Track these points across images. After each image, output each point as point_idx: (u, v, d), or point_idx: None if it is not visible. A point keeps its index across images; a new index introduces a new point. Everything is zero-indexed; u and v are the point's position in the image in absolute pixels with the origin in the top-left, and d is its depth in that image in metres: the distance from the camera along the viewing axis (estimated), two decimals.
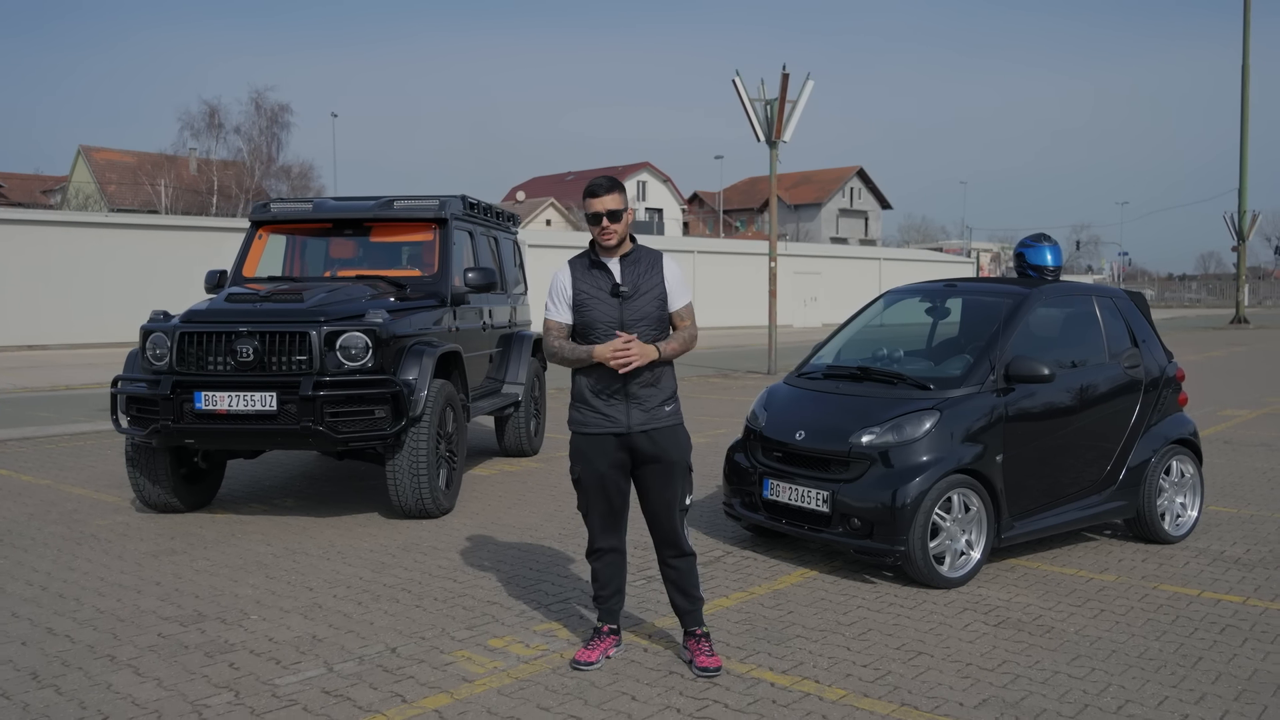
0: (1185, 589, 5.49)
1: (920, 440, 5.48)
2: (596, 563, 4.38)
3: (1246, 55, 39.43)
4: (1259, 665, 4.39)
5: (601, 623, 4.42)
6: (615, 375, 4.14)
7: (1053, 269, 6.59)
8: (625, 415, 4.19)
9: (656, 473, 4.25)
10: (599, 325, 4.19)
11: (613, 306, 4.18)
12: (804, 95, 18.27)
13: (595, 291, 4.21)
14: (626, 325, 4.16)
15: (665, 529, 4.31)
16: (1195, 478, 6.64)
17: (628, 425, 4.19)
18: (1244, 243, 42.98)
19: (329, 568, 5.81)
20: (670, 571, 4.36)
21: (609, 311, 4.18)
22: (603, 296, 4.20)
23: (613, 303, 4.18)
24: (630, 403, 4.19)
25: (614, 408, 4.20)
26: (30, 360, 21.69)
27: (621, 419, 4.19)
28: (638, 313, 4.19)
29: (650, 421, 4.21)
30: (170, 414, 6.44)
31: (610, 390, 4.18)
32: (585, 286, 4.22)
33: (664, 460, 4.24)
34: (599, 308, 4.19)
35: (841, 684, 4.14)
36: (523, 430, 9.46)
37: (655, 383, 4.23)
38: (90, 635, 4.66)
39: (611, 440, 4.22)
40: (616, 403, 4.19)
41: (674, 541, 4.31)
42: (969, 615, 5.02)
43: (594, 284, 4.22)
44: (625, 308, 4.18)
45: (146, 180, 53.69)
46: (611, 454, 4.23)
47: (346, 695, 3.99)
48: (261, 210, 8.42)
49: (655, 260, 4.30)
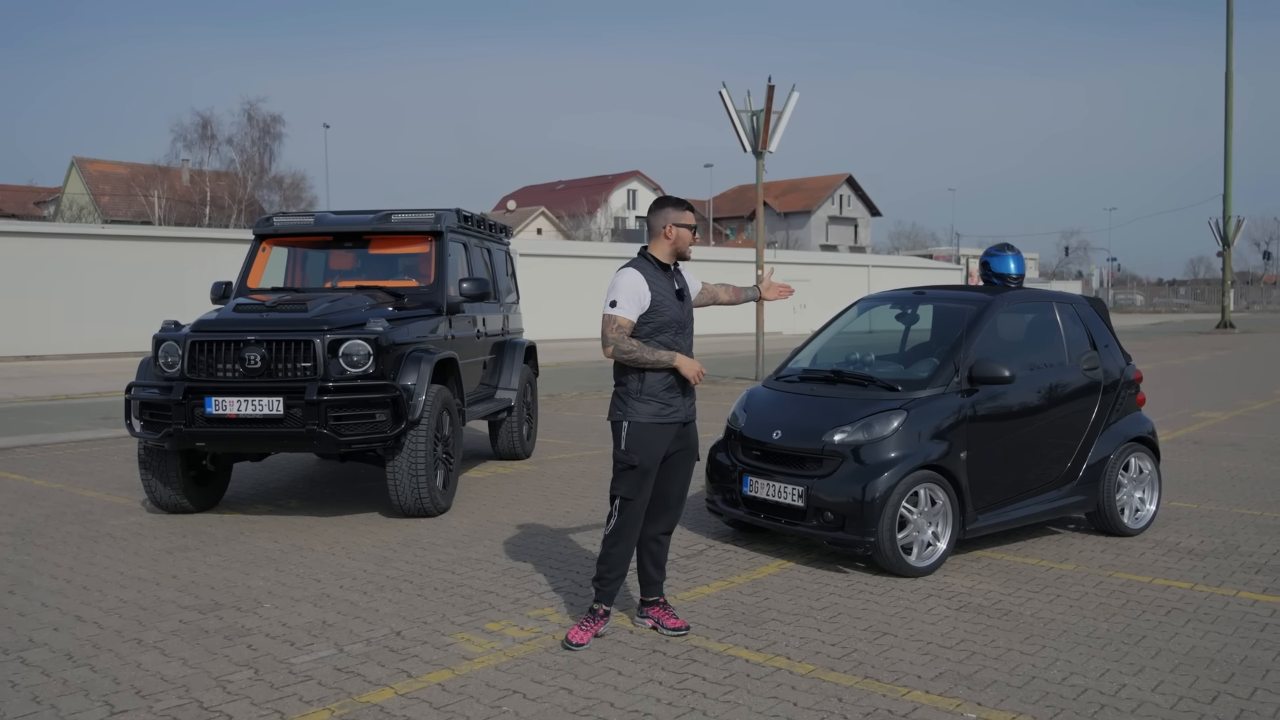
0: (1138, 576, 5.87)
1: (889, 438, 5.86)
2: (622, 549, 4.75)
3: (1230, 62, 40.03)
4: (1197, 643, 4.76)
5: (599, 604, 4.80)
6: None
7: (1015, 277, 6.98)
8: (684, 405, 4.82)
9: (685, 458, 4.89)
10: (671, 325, 4.75)
11: (679, 308, 4.79)
12: (790, 106, 18.68)
13: (666, 294, 4.75)
14: (685, 325, 4.81)
15: (676, 509, 4.93)
16: (1153, 474, 7.02)
17: (686, 414, 4.82)
18: (1229, 248, 43.53)
19: (334, 561, 6.17)
20: (657, 546, 4.90)
21: (678, 313, 4.79)
22: (671, 299, 4.77)
23: (679, 304, 4.79)
24: (686, 394, 4.82)
25: (677, 399, 4.78)
26: (27, 370, 21.97)
27: (682, 408, 4.81)
28: (689, 313, 4.87)
29: (694, 411, 4.88)
30: (183, 418, 6.80)
31: (684, 386, 4.78)
32: (660, 289, 4.73)
33: (692, 446, 4.91)
34: (671, 309, 4.75)
35: (811, 660, 4.51)
36: (515, 434, 9.81)
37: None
38: (116, 622, 5.02)
39: (674, 429, 4.79)
40: (678, 394, 4.78)
41: (674, 521, 4.93)
42: (933, 601, 5.40)
43: (663, 287, 4.75)
44: (684, 310, 4.83)
45: (140, 191, 53.93)
46: (667, 441, 4.77)
47: (357, 672, 4.34)
48: (265, 224, 8.78)
49: (681, 270, 4.98)
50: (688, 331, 4.83)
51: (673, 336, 4.72)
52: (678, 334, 4.75)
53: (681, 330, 4.78)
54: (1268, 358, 25.09)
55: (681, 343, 4.77)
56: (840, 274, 46.07)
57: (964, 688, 4.21)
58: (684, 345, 4.78)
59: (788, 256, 45.75)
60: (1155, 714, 3.95)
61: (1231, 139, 40.73)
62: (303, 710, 3.95)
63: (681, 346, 4.76)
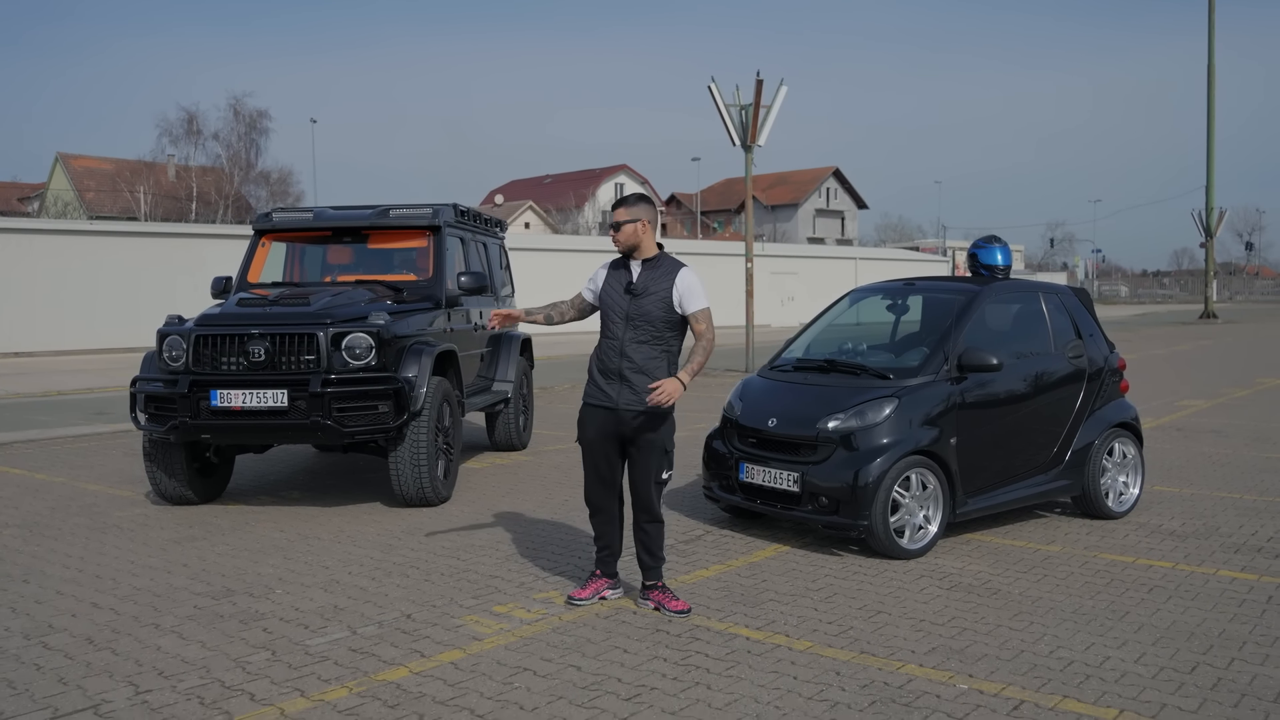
0: (1122, 557, 6.07)
1: (881, 425, 6.03)
2: (592, 519, 5.21)
3: (1211, 54, 40.43)
4: (1178, 618, 4.96)
5: (596, 568, 5.19)
6: (615, 357, 4.90)
7: (1003, 268, 7.16)
8: (616, 393, 4.92)
9: (639, 448, 4.97)
10: (609, 313, 5.02)
11: (624, 301, 4.95)
12: (778, 100, 18.85)
13: (615, 285, 5.03)
14: (631, 318, 4.90)
15: (642, 497, 5.03)
16: (1136, 458, 7.22)
17: (616, 402, 4.92)
18: (1212, 239, 43.98)
19: (341, 550, 6.31)
20: (641, 533, 5.06)
21: (620, 304, 4.98)
22: (618, 292, 5.01)
23: (625, 298, 4.95)
24: (623, 384, 4.90)
25: (610, 386, 4.94)
26: (17, 367, 21.97)
27: (613, 395, 4.93)
28: (641, 310, 4.91)
29: (637, 404, 4.88)
30: (188, 411, 6.92)
31: (609, 370, 4.94)
32: (610, 280, 5.07)
33: (643, 439, 4.96)
34: (614, 300, 5.01)
35: (809, 637, 4.69)
36: (512, 425, 9.96)
37: (646, 371, 4.90)
38: (132, 608, 5.15)
39: (602, 413, 5.00)
40: (613, 382, 4.93)
41: (647, 508, 5.03)
42: (925, 581, 5.58)
43: (616, 279, 5.05)
44: (632, 304, 4.92)
45: (125, 187, 53.76)
46: (600, 424, 5.01)
47: (371, 652, 4.50)
48: (264, 219, 8.90)
49: (673, 269, 5.01)
50: (632, 324, 4.92)
51: (610, 325, 5.00)
52: (614, 323, 4.97)
53: (622, 321, 4.94)
54: (1249, 347, 25.43)
55: (619, 333, 4.94)
56: (827, 266, 46.29)
57: (956, 661, 4.38)
58: (622, 336, 4.92)
59: (775, 249, 45.98)
60: (1138, 683, 4.14)
61: (1214, 131, 41.17)
62: (322, 688, 4.10)
63: (618, 337, 4.94)
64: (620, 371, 4.92)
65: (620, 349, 4.93)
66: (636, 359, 4.91)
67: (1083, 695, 4.02)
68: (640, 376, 4.89)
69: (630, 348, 4.91)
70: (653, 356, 4.92)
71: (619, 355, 4.93)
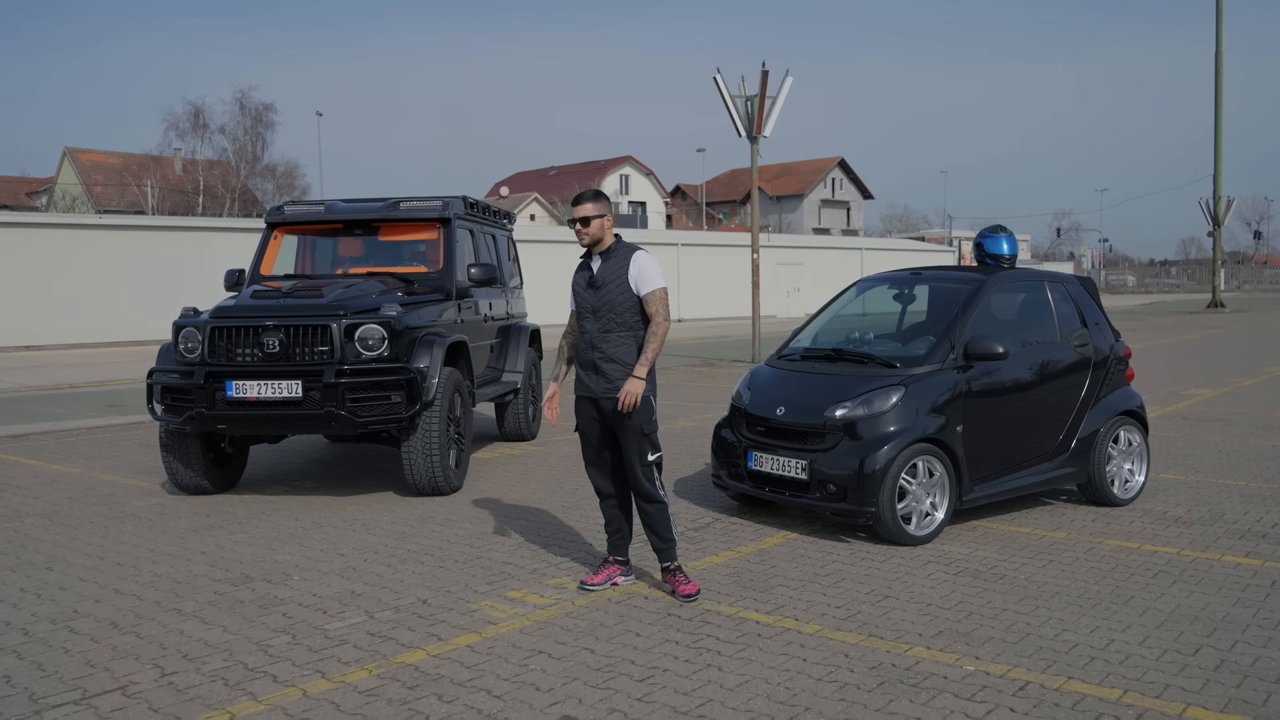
0: (1127, 543, 6.14)
1: (888, 413, 6.11)
2: (600, 504, 5.39)
3: (1220, 42, 40.26)
4: (1182, 602, 5.03)
5: (608, 554, 5.33)
6: (588, 349, 5.11)
7: (1009, 257, 7.22)
8: (594, 383, 5.12)
9: (621, 432, 5.12)
10: (581, 310, 5.20)
11: (589, 295, 5.13)
12: (783, 91, 18.87)
13: (581, 283, 5.21)
14: (597, 310, 5.05)
15: (632, 479, 5.18)
16: (1142, 446, 7.29)
17: (595, 392, 5.11)
18: (1219, 228, 43.84)
19: (356, 538, 6.41)
20: (642, 515, 5.20)
21: (588, 299, 5.14)
22: (583, 287, 5.19)
23: (588, 293, 5.13)
24: (597, 375, 5.10)
25: (588, 376, 5.17)
26: (26, 360, 22.12)
27: (592, 386, 5.15)
28: (604, 300, 5.06)
29: (612, 391, 5.05)
30: (204, 402, 7.02)
31: (585, 362, 5.17)
32: (577, 280, 5.23)
33: (623, 426, 5.09)
34: (581, 296, 5.18)
35: (818, 621, 4.77)
36: (521, 416, 10.05)
37: (616, 359, 5.06)
38: (154, 594, 5.26)
39: (586, 403, 5.20)
40: (589, 373, 5.14)
41: (640, 489, 5.16)
42: (932, 567, 5.66)
43: (582, 278, 5.21)
44: (596, 297, 5.07)
45: (132, 181, 53.91)
46: (586, 414, 5.21)
47: (389, 636, 4.59)
48: (276, 213, 8.98)
49: (627, 253, 5.13)
50: (598, 315, 5.07)
51: (582, 320, 5.17)
52: (584, 318, 5.14)
53: (590, 315, 5.10)
54: (1257, 337, 25.42)
55: (589, 326, 5.10)
56: (833, 257, 46.31)
57: (962, 644, 4.47)
58: (591, 329, 5.09)
59: (781, 240, 45.96)
60: (1142, 665, 4.21)
61: (1221, 119, 41.00)
62: (342, 670, 4.20)
63: (588, 330, 5.11)
64: (593, 362, 5.10)
65: (591, 341, 5.10)
66: (605, 348, 5.06)
67: (1087, 677, 4.10)
68: (611, 365, 5.05)
69: (598, 338, 5.08)
70: (621, 343, 5.07)
71: (591, 347, 5.10)
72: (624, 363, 5.04)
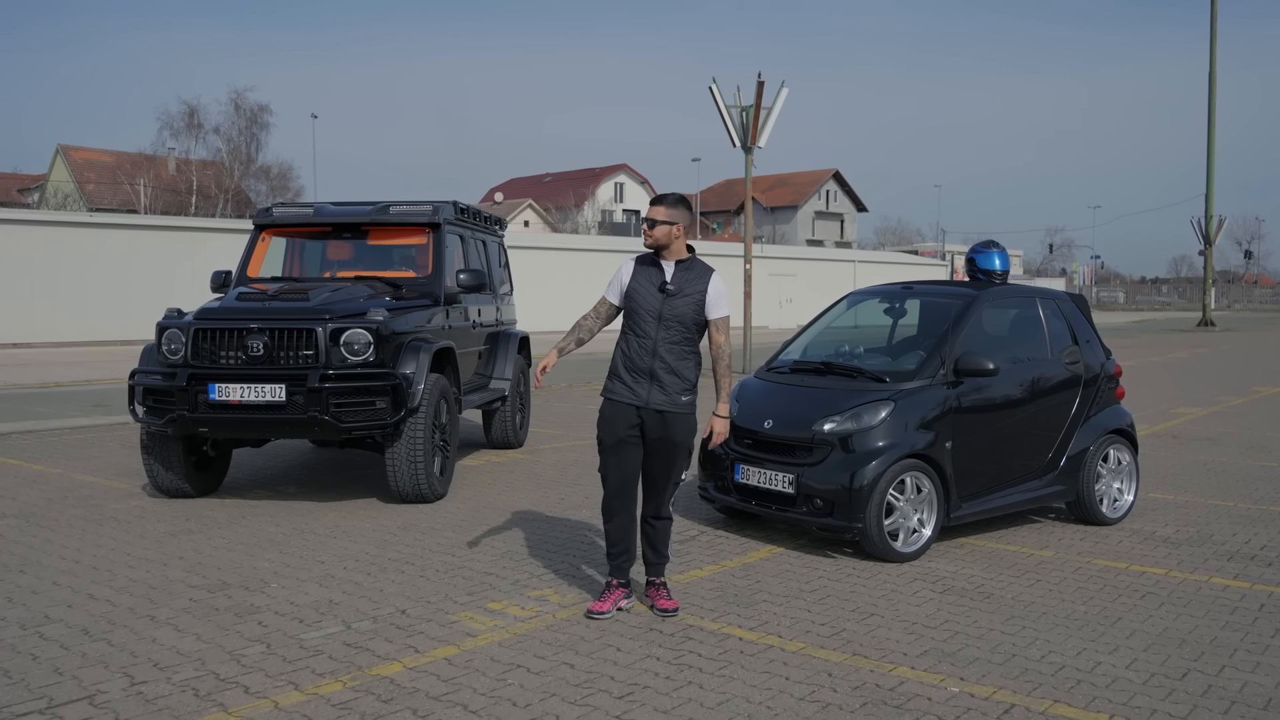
0: (1115, 563, 6.09)
1: (877, 428, 6.05)
2: (609, 524, 5.05)
3: (1213, 62, 40.45)
4: (1170, 624, 4.98)
5: (611, 577, 5.08)
6: (648, 356, 4.87)
7: (1000, 273, 7.18)
8: (647, 393, 4.88)
9: (662, 448, 4.94)
10: (640, 312, 4.92)
11: (657, 300, 4.89)
12: (779, 102, 18.86)
13: (646, 285, 4.93)
14: (664, 318, 4.86)
15: (658, 494, 5.02)
16: (1131, 465, 7.25)
17: (645, 400, 4.88)
18: (1210, 247, 44.01)
19: (336, 545, 6.32)
20: (649, 529, 5.06)
21: (653, 303, 4.90)
22: (651, 290, 4.92)
23: (658, 297, 4.89)
24: (654, 384, 4.88)
25: (638, 384, 4.89)
26: (14, 358, 21.94)
27: (642, 394, 4.89)
28: (675, 311, 4.88)
29: (668, 405, 4.88)
30: (186, 404, 6.94)
31: (639, 369, 4.89)
32: (640, 278, 4.95)
33: (669, 440, 4.92)
34: (645, 299, 4.91)
35: (801, 638, 4.71)
36: (509, 423, 9.97)
37: (678, 372, 4.90)
38: (128, 600, 5.16)
39: (631, 411, 4.92)
40: (641, 380, 4.89)
41: (662, 505, 5.03)
42: (919, 584, 5.60)
43: (647, 278, 4.95)
44: (666, 304, 4.88)
45: (125, 180, 53.70)
46: (627, 423, 4.92)
47: (365, 647, 4.51)
48: (265, 214, 8.90)
49: (705, 272, 5.00)
50: (665, 324, 4.87)
51: (641, 323, 4.91)
52: (645, 322, 4.89)
53: (654, 320, 4.88)
54: (1247, 355, 25.48)
55: (651, 332, 4.87)
56: (826, 269, 46.31)
57: (948, 664, 4.41)
58: (655, 335, 4.86)
59: (774, 251, 45.99)
60: (1128, 689, 4.16)
61: (1214, 139, 41.19)
62: (316, 682, 4.12)
63: (651, 335, 4.87)
64: (652, 371, 4.88)
65: (653, 348, 4.88)
66: (670, 359, 4.88)
67: (1073, 700, 4.04)
68: (672, 378, 4.89)
69: (664, 348, 4.88)
70: (684, 357, 4.92)
71: (651, 355, 4.88)
72: (684, 378, 4.91)
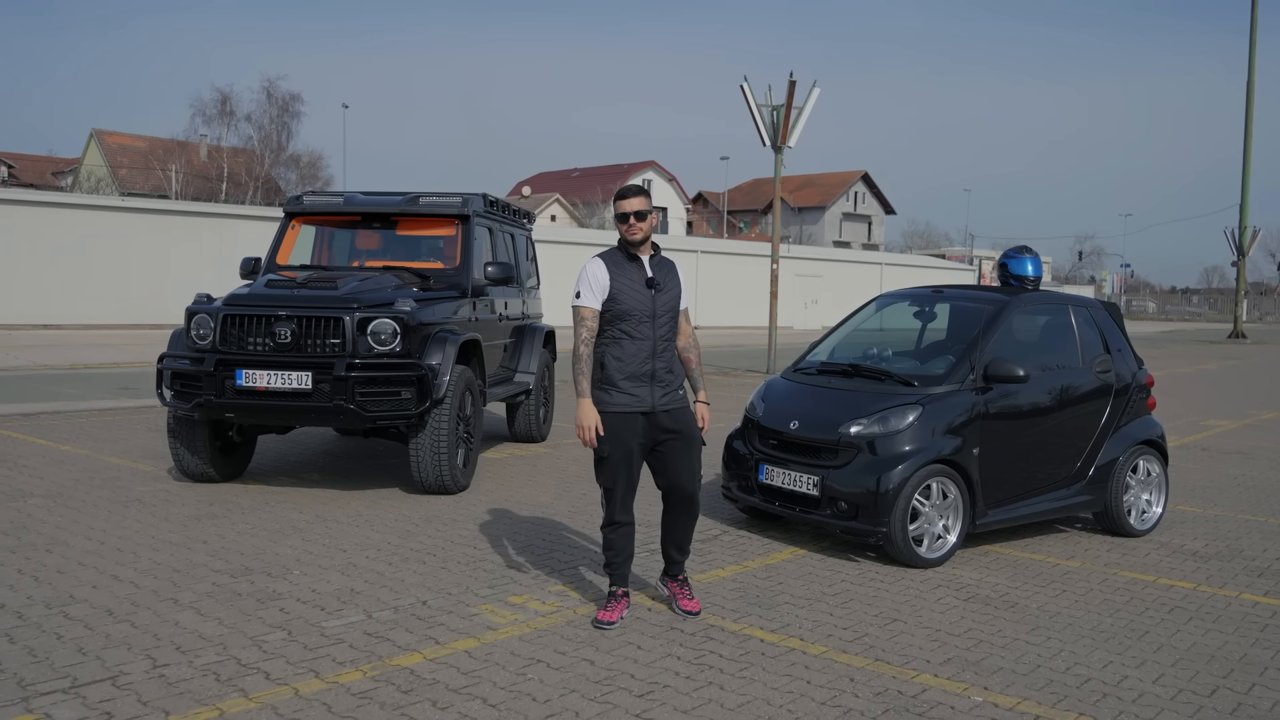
0: (1143, 575, 6.01)
1: (904, 432, 6.00)
2: (614, 534, 4.83)
3: (1252, 71, 39.92)
4: (1198, 640, 4.90)
5: (615, 586, 4.91)
6: (647, 359, 4.71)
7: (1033, 279, 7.10)
8: (650, 395, 4.74)
9: (678, 444, 4.81)
10: (633, 314, 4.70)
11: (647, 298, 4.73)
12: (810, 102, 18.78)
13: (630, 283, 4.72)
14: (657, 314, 4.74)
15: (688, 490, 4.87)
16: (1161, 476, 7.15)
17: (652, 404, 4.75)
18: (1244, 258, 43.47)
19: (359, 533, 6.34)
20: (680, 528, 4.95)
21: (643, 301, 4.72)
22: (639, 289, 4.72)
23: (647, 294, 4.73)
24: (654, 384, 4.76)
25: (640, 388, 4.72)
26: (45, 339, 22.21)
27: (647, 398, 4.73)
28: (664, 305, 4.78)
29: (674, 401, 4.81)
30: (213, 389, 6.97)
31: (638, 374, 4.72)
32: (621, 279, 4.71)
33: (684, 433, 4.82)
34: (635, 298, 4.70)
35: (823, 642, 4.67)
36: (533, 417, 9.98)
37: (673, 369, 4.85)
38: (152, 582, 5.20)
39: (639, 419, 4.74)
40: (643, 384, 4.73)
41: (693, 501, 4.90)
42: (942, 591, 5.54)
43: (628, 277, 4.73)
44: (656, 299, 4.75)
45: (158, 165, 54.18)
46: (639, 431, 4.74)
47: (386, 636, 4.51)
48: (295, 202, 8.94)
49: (673, 264, 4.94)
50: (660, 322, 4.75)
51: (636, 325, 4.70)
52: (641, 323, 4.71)
53: (649, 320, 4.72)
54: (1278, 369, 25.14)
55: (649, 333, 4.72)
56: (853, 271, 46.14)
57: (971, 673, 4.36)
58: (653, 335, 4.73)
59: (801, 251, 45.83)
60: (1155, 704, 4.09)
61: (1250, 148, 40.64)
62: (336, 670, 4.12)
63: (648, 336, 4.72)
64: (653, 373, 4.73)
65: (652, 349, 4.72)
66: (667, 357, 4.79)
67: (1099, 714, 3.98)
68: (669, 375, 4.81)
69: (661, 346, 4.76)
70: (673, 350, 4.87)
71: (651, 356, 4.72)
72: (676, 372, 4.84)
